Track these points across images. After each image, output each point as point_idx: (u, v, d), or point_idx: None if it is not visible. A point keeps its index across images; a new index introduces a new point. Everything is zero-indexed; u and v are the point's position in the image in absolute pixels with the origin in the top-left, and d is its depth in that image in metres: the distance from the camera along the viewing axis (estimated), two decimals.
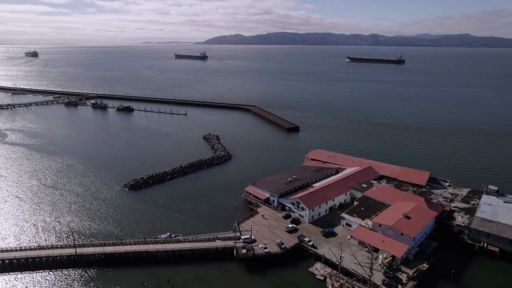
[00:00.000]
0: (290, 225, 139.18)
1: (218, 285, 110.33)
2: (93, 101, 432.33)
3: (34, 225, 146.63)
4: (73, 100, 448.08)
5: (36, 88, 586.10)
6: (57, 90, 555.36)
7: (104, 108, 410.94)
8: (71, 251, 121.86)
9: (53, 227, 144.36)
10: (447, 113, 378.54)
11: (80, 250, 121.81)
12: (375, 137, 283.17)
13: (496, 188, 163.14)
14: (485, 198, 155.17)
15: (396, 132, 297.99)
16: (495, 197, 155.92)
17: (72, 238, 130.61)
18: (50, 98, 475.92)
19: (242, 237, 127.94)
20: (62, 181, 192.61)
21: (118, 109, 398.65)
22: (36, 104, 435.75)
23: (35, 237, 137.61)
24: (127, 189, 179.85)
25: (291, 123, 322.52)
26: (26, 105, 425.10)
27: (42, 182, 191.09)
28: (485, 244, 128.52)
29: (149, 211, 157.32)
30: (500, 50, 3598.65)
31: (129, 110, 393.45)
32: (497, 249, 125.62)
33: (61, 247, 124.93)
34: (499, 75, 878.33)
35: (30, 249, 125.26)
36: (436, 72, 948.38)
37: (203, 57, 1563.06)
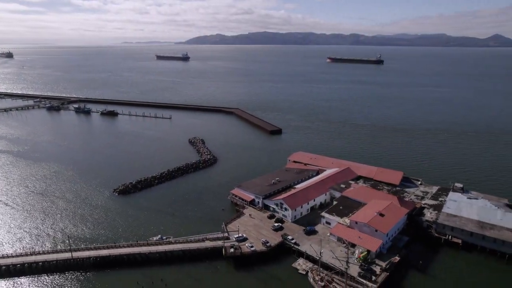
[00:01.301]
0: (276, 224, 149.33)
1: (208, 282, 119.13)
2: (76, 106, 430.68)
3: (27, 232, 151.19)
4: (55, 105, 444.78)
5: (15, 92, 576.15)
6: (37, 94, 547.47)
7: (87, 112, 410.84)
8: (67, 255, 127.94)
9: (47, 233, 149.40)
10: (423, 114, 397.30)
11: (76, 254, 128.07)
12: (354, 139, 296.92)
13: (461, 186, 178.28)
14: (451, 195, 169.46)
15: (374, 133, 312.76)
16: (460, 194, 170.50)
17: (68, 242, 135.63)
18: (31, 102, 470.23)
19: (235, 236, 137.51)
20: (51, 188, 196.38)
21: (102, 114, 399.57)
22: (17, 109, 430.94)
23: (29, 243, 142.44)
24: (116, 194, 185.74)
25: (273, 125, 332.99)
26: (6, 110, 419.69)
27: (31, 190, 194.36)
28: (450, 237, 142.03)
29: (140, 215, 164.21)
30: (473, 50, 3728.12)
31: (113, 114, 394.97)
32: (460, 241, 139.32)
33: (57, 251, 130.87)
34: (473, 75, 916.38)
35: (26, 255, 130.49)
36: (413, 72, 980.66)
37: (185, 58, 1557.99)
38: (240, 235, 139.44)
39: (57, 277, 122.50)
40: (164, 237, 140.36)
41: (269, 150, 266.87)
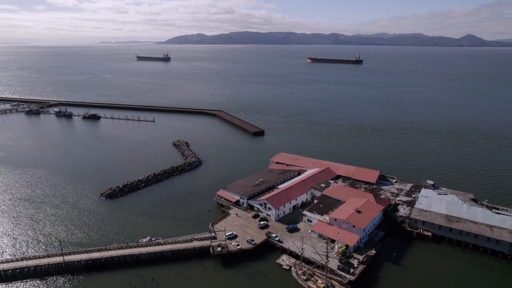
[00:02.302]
0: (262, 222, 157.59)
1: (197, 280, 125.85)
2: (56, 109, 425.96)
3: (16, 238, 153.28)
4: (34, 109, 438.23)
5: None
6: (14, 97, 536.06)
7: (69, 116, 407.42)
8: (59, 259, 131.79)
9: (37, 239, 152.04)
10: (400, 114, 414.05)
11: (67, 258, 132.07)
12: (334, 139, 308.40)
13: (432, 182, 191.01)
14: (423, 191, 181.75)
15: (353, 134, 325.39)
16: (431, 190, 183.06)
17: (60, 246, 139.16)
18: (8, 106, 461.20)
19: (226, 234, 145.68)
20: (36, 194, 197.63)
21: (84, 117, 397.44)
22: None
23: (19, 249, 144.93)
24: (104, 198, 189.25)
25: (256, 127, 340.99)
26: None
27: (16, 196, 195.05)
28: (421, 230, 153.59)
29: (128, 217, 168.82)
30: (448, 49, 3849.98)
31: (95, 118, 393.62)
32: (430, 234, 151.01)
33: (49, 256, 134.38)
34: (447, 75, 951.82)
35: (17, 260, 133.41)
36: (391, 72, 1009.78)
37: (166, 59, 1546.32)
38: (231, 232, 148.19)
39: (49, 281, 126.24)
40: (153, 239, 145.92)
41: (252, 152, 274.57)
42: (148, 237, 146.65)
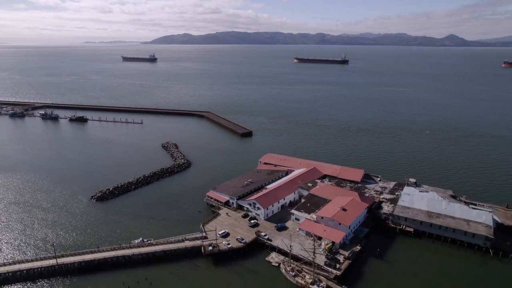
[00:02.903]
0: (252, 221, 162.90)
1: (190, 279, 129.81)
2: (42, 112, 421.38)
3: (7, 242, 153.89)
4: (18, 111, 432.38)
5: None
6: None
7: (55, 119, 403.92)
8: (52, 262, 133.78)
9: (28, 243, 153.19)
10: (385, 114, 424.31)
11: (60, 260, 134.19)
12: (321, 139, 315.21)
13: (414, 180, 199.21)
14: (405, 189, 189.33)
15: (339, 134, 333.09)
16: (413, 188, 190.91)
17: (53, 249, 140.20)
18: None
19: (219, 232, 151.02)
20: (25, 198, 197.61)
21: (71, 120, 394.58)
22: None
23: (11, 253, 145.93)
24: (94, 201, 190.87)
25: (244, 128, 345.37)
26: None
27: (5, 201, 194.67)
28: (404, 226, 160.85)
29: (120, 219, 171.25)
30: (431, 49, 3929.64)
31: (82, 120, 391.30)
32: (412, 229, 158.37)
33: (42, 259, 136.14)
34: (433, 75, 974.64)
35: (9, 264, 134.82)
36: (376, 72, 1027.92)
37: (152, 59, 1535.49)
38: (223, 231, 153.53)
39: (42, 284, 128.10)
40: (146, 239, 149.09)
41: (241, 153, 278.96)
42: (140, 238, 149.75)
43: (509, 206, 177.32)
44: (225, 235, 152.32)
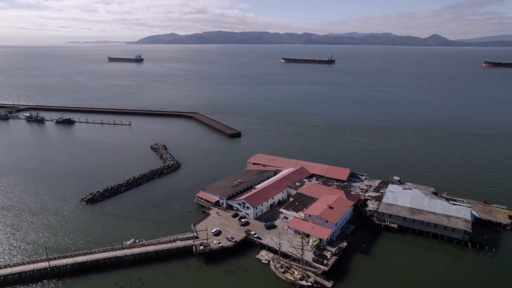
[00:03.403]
0: (243, 220, 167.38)
1: (182, 278, 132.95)
2: (27, 114, 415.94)
3: None
4: (2, 113, 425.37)
5: None
6: None
7: (41, 121, 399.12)
8: (44, 264, 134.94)
9: (19, 247, 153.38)
10: (371, 113, 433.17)
11: (53, 263, 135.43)
12: (308, 139, 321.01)
13: (398, 178, 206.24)
14: (390, 187, 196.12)
15: (326, 133, 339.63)
16: (397, 186, 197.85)
17: (45, 252, 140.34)
18: None
19: (212, 231, 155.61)
20: (14, 202, 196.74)
21: (58, 122, 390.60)
22: None
23: (2, 257, 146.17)
24: (85, 203, 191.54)
25: (233, 129, 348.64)
26: None
27: None
28: (388, 223, 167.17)
29: (111, 221, 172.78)
30: (417, 48, 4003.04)
31: (69, 122, 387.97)
32: (396, 226, 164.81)
33: (34, 262, 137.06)
34: (417, 74, 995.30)
35: (1, 268, 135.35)
36: (363, 72, 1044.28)
37: (139, 60, 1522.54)
38: (216, 229, 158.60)
39: (35, 287, 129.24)
40: (137, 240, 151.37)
41: (230, 153, 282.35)
42: (132, 239, 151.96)
43: (487, 202, 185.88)
44: (218, 233, 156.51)
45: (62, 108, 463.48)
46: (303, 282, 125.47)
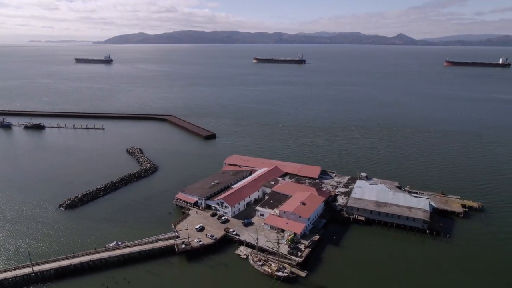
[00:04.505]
0: (223, 217, 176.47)
1: (166, 275, 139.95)
2: None
3: None
4: None
5: None
6: None
7: (8, 127, 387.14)
8: (27, 270, 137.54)
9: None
10: (341, 113, 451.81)
11: (36, 268, 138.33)
12: (281, 139, 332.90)
13: (365, 174, 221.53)
14: (358, 182, 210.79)
15: (298, 133, 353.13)
16: (364, 181, 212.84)
17: (28, 258, 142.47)
18: None
19: (196, 227, 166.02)
20: None
21: (26, 127, 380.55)
22: None
23: None
24: (63, 209, 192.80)
25: (208, 130, 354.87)
26: None
27: None
28: (356, 216, 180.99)
29: (92, 225, 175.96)
30: (384, 47, 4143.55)
31: (39, 127, 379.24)
32: (363, 218, 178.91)
33: (17, 268, 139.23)
34: (384, 73, 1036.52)
35: None
36: (333, 71, 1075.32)
37: (108, 61, 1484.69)
38: (200, 225, 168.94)
39: None
40: (120, 242, 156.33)
41: (206, 155, 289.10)
42: (115, 242, 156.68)
43: (444, 193, 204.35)
44: (201, 229, 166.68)
45: (31, 112, 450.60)
46: (280, 273, 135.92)
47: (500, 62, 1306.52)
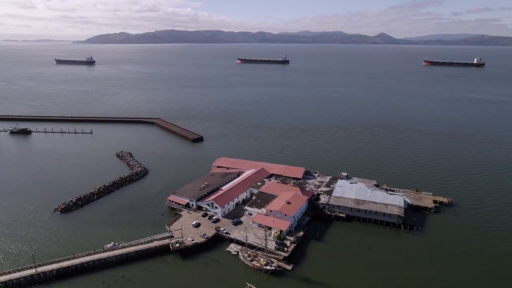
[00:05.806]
0: (214, 217, 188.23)
1: (162, 272, 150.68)
2: None
3: None
4: None
5: None
6: None
7: None
8: (31, 271, 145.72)
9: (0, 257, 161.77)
10: (324, 114, 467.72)
11: (40, 269, 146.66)
12: (267, 141, 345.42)
13: (346, 174, 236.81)
14: (339, 182, 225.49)
15: (284, 135, 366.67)
16: (345, 180, 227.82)
17: (32, 260, 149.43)
18: None
19: (193, 223, 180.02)
20: None
21: (12, 132, 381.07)
22: None
23: None
24: (59, 213, 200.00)
25: (195, 133, 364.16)
26: None
27: None
28: (337, 213, 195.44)
29: (88, 228, 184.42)
30: (366, 47, 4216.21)
31: (26, 132, 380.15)
32: (344, 215, 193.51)
33: (20, 269, 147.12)
34: (366, 73, 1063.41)
35: None
36: (316, 72, 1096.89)
37: (90, 62, 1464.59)
38: (196, 221, 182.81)
39: None
40: (117, 243, 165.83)
41: (194, 158, 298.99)
42: (112, 243, 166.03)
43: (418, 190, 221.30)
44: (197, 225, 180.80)
45: (16, 117, 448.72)
46: (268, 267, 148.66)
47: (475, 62, 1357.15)
